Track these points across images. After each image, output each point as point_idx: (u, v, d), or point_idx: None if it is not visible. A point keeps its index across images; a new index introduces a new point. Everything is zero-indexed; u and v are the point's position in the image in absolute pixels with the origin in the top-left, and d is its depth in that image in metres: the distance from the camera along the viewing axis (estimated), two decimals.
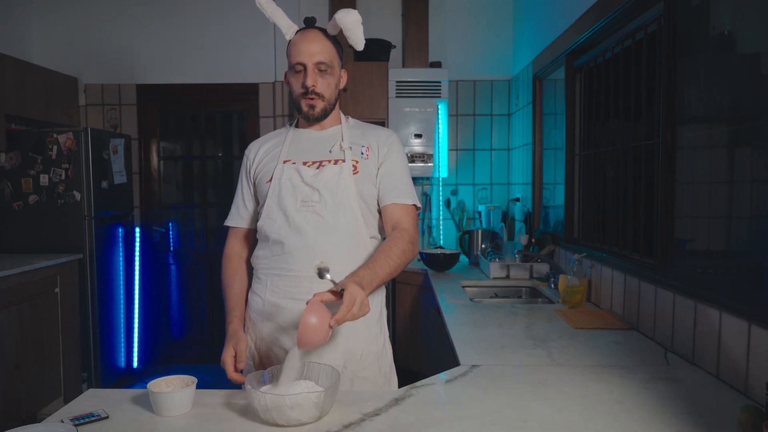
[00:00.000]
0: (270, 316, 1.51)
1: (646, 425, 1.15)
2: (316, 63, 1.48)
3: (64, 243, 3.54)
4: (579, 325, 1.97)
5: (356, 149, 1.55)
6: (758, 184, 1.31)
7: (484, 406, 1.24)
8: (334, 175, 1.49)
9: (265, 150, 1.61)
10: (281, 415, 1.11)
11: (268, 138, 1.66)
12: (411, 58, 3.98)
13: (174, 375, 1.25)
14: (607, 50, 2.34)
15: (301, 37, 1.50)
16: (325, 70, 1.50)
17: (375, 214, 1.57)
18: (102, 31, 4.13)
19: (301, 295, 1.45)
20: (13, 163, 3.51)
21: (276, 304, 1.50)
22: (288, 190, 1.49)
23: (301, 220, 1.47)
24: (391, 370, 1.61)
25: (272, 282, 1.51)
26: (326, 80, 1.52)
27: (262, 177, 1.56)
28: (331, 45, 1.53)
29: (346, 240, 1.48)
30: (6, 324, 2.91)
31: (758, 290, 1.28)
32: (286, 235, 1.48)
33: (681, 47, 1.66)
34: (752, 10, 1.34)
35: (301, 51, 1.48)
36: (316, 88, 1.50)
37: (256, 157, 1.61)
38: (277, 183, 1.51)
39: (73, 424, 1.13)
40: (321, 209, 1.47)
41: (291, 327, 1.48)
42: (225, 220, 1.67)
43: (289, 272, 1.48)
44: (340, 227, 1.48)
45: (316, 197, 1.47)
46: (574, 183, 2.76)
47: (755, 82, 1.33)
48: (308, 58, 1.48)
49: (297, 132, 1.61)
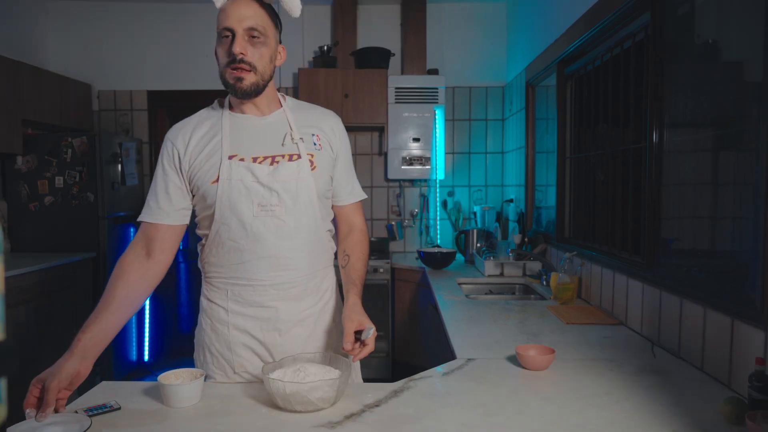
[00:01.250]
0: (236, 324, 1.41)
1: (634, 416, 1.18)
2: (246, 29, 1.29)
3: (79, 242, 3.61)
4: (570, 320, 2.02)
5: (308, 140, 1.40)
6: (741, 186, 1.35)
7: (480, 398, 1.28)
8: (293, 173, 1.35)
9: (197, 139, 1.37)
10: (300, 400, 1.15)
11: (194, 122, 1.41)
12: (409, 65, 4.05)
13: (183, 368, 1.28)
14: (597, 58, 2.38)
15: (231, 2, 1.31)
16: (258, 37, 1.30)
17: (329, 207, 1.49)
18: (114, 40, 4.22)
19: (267, 302, 1.39)
20: (30, 165, 3.59)
21: (241, 312, 1.40)
22: (241, 193, 1.33)
23: (260, 225, 1.34)
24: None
25: (233, 291, 1.40)
26: (258, 50, 1.31)
27: (203, 174, 1.35)
28: (264, 12, 1.32)
29: (308, 242, 1.39)
30: (24, 319, 2.98)
31: (741, 287, 1.31)
32: (244, 242, 1.35)
33: (668, 55, 1.69)
34: (735, 19, 1.38)
35: (229, 15, 1.29)
36: (246, 56, 1.30)
37: (188, 146, 1.37)
38: (227, 184, 1.32)
39: (87, 414, 1.16)
40: (281, 212, 1.34)
41: (259, 333, 1.41)
42: (139, 215, 1.41)
43: (250, 281, 1.38)
44: (302, 229, 1.37)
45: (275, 200, 1.33)
46: (565, 185, 2.81)
47: (738, 88, 1.36)
48: (237, 23, 1.28)
49: (234, 117, 1.40)
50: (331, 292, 1.52)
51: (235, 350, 1.41)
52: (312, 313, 1.44)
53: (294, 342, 1.42)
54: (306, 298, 1.43)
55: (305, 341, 1.43)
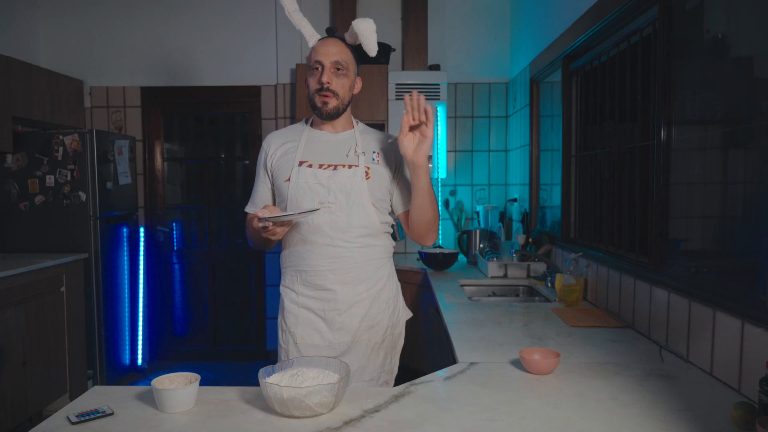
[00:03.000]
0: (304, 304, 1.71)
1: (641, 422, 1.16)
2: (333, 62, 1.62)
3: (70, 243, 3.57)
4: (575, 323, 1.99)
5: (368, 155, 1.69)
6: (751, 185, 1.33)
7: (482, 403, 1.26)
8: (348, 178, 1.63)
9: (283, 148, 1.72)
10: (298, 405, 1.13)
11: (285, 134, 1.77)
12: (410, 60, 4.01)
13: (178, 372, 1.27)
14: (603, 53, 2.35)
15: (321, 42, 1.67)
16: (341, 70, 1.64)
17: (386, 209, 1.73)
18: (107, 35, 4.17)
19: (328, 285, 1.67)
20: (20, 164, 3.54)
21: (307, 294, 1.70)
22: (306, 191, 1.63)
23: (319, 220, 1.62)
24: (399, 336, 1.83)
25: (301, 276, 1.70)
26: (341, 80, 1.64)
27: (280, 174, 1.69)
28: (348, 50, 1.67)
29: (361, 236, 1.66)
30: (13, 322, 2.94)
31: (751, 289, 1.29)
32: (307, 234, 1.65)
33: (676, 50, 1.67)
34: (746, 14, 1.36)
35: (319, 52, 1.64)
36: (331, 85, 1.62)
37: (276, 151, 1.72)
38: (295, 184, 1.64)
39: (78, 420, 1.14)
40: (336, 209, 1.62)
41: (321, 311, 1.69)
42: (245, 207, 1.81)
43: (313, 267, 1.67)
44: (354, 224, 1.64)
45: (332, 198, 1.62)
46: (570, 184, 2.78)
47: (748, 85, 1.34)
48: (325, 58, 1.62)
49: (312, 132, 1.73)
50: (386, 280, 1.76)
51: (301, 325, 1.71)
52: (367, 297, 1.70)
53: (351, 319, 1.69)
54: (362, 283, 1.69)
55: (361, 320, 1.70)
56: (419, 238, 1.73)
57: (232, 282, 4.34)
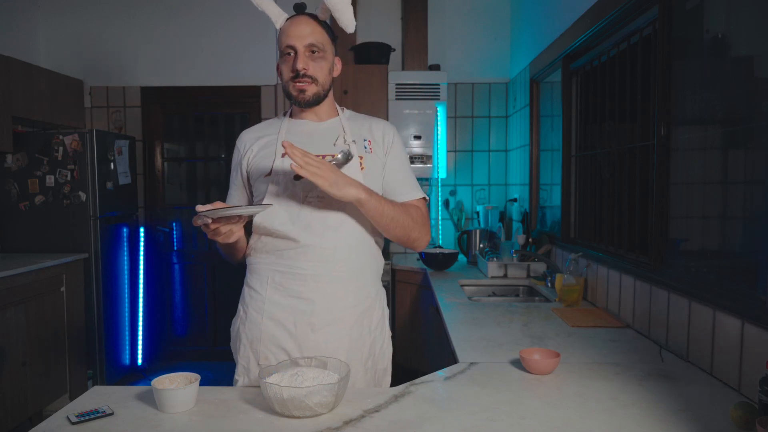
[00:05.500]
0: (271, 314, 1.46)
1: (641, 422, 1.16)
2: (306, 45, 1.42)
3: (70, 242, 3.57)
4: (575, 323, 1.99)
5: (359, 143, 1.49)
6: (751, 185, 1.33)
7: (482, 403, 1.26)
8: (341, 169, 1.40)
9: (260, 142, 1.52)
10: (298, 405, 1.13)
11: (260, 128, 1.57)
12: (410, 60, 4.01)
13: (178, 372, 1.26)
14: (603, 53, 2.35)
15: (290, 23, 1.45)
16: (317, 52, 1.44)
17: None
18: (107, 35, 4.17)
19: (306, 293, 1.44)
20: (20, 164, 3.54)
21: (277, 302, 1.46)
22: (287, 186, 1.43)
23: (307, 213, 1.43)
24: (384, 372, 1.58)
25: (274, 279, 1.46)
26: (318, 64, 1.45)
27: (258, 170, 1.48)
28: (322, 29, 1.46)
29: (352, 236, 1.46)
30: (13, 322, 2.94)
31: (751, 289, 1.29)
32: (292, 229, 1.43)
33: (676, 50, 1.67)
34: (746, 14, 1.36)
35: (290, 35, 1.43)
36: (308, 71, 1.43)
37: (252, 147, 1.52)
38: (276, 178, 1.44)
39: (78, 420, 1.14)
40: (328, 203, 1.43)
41: (292, 325, 1.45)
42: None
43: (293, 269, 1.44)
44: (347, 222, 1.45)
45: (320, 191, 1.39)
46: (570, 184, 2.78)
47: (748, 85, 1.34)
48: (298, 41, 1.42)
49: (292, 123, 1.53)
50: (373, 299, 1.54)
51: (264, 341, 1.46)
52: (349, 315, 1.47)
53: (327, 340, 1.45)
54: (346, 298, 1.47)
55: (338, 343, 1.45)
56: (405, 246, 1.55)
57: (232, 282, 4.33)
